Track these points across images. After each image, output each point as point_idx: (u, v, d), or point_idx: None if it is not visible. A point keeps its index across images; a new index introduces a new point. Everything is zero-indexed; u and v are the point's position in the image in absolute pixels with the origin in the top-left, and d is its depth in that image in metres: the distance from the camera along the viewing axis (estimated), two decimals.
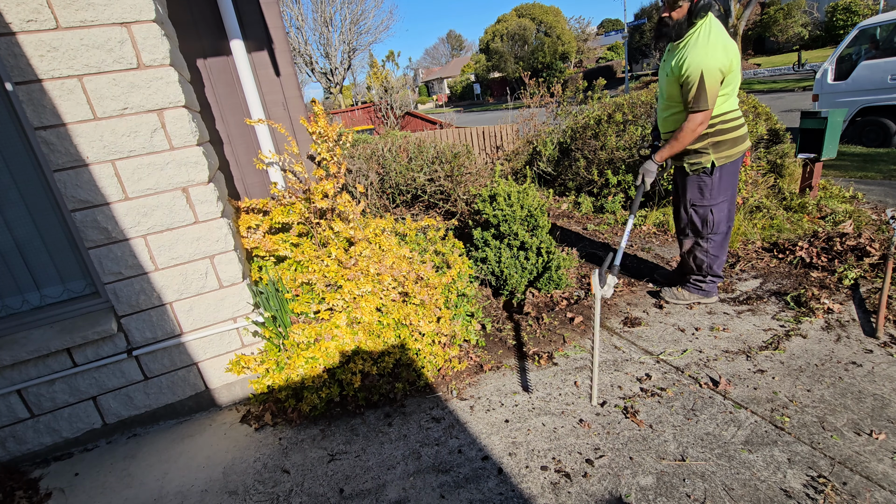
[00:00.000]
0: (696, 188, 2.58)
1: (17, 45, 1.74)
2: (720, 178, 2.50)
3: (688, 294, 2.88)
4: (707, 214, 2.61)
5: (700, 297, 2.87)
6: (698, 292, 2.86)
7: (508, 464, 1.84)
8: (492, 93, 43.07)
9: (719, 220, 2.61)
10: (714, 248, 2.69)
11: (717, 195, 2.54)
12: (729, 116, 2.40)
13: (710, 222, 2.62)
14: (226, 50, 2.59)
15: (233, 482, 1.92)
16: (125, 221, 2.04)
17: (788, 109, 10.77)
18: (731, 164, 2.49)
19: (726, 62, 2.23)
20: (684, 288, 2.90)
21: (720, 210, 2.59)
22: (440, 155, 4.65)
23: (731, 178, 2.53)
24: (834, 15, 24.11)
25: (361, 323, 2.32)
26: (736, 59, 2.27)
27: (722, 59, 2.22)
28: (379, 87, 14.29)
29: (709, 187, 2.54)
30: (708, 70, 2.21)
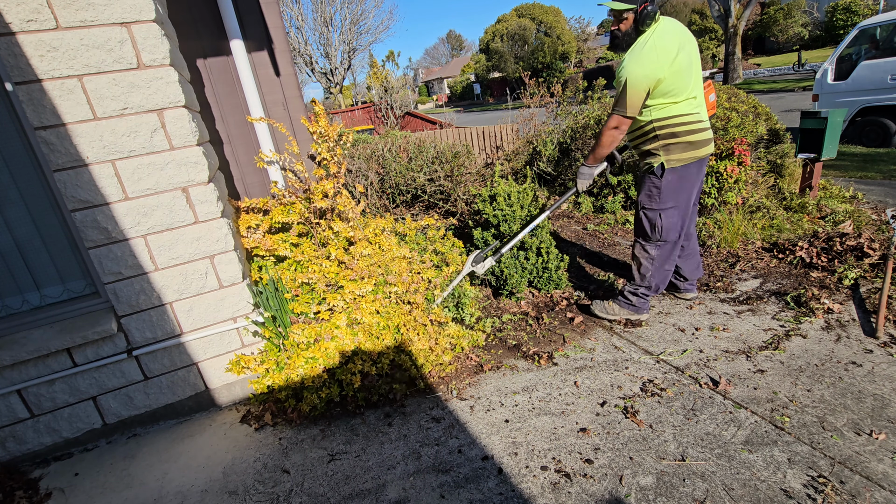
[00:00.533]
0: (647, 189, 2.53)
1: (17, 45, 1.74)
2: (670, 182, 2.43)
3: (617, 309, 2.79)
4: (656, 219, 2.53)
5: (629, 312, 2.76)
6: (628, 307, 2.76)
7: (508, 464, 1.84)
8: (492, 93, 43.07)
9: (668, 226, 2.52)
10: (661, 255, 2.59)
11: (665, 199, 2.46)
12: (681, 120, 2.35)
13: (658, 227, 2.53)
14: (226, 50, 2.59)
15: (233, 482, 1.92)
16: (125, 221, 2.04)
17: (788, 109, 10.78)
18: (682, 168, 2.41)
19: (656, 71, 2.21)
20: (615, 301, 2.81)
21: (669, 216, 2.50)
22: (440, 155, 4.65)
23: (682, 183, 2.44)
24: (834, 15, 24.12)
25: (362, 324, 2.32)
26: (677, 65, 2.23)
27: (650, 67, 2.21)
28: (379, 87, 14.30)
29: (658, 190, 2.47)
30: (632, 77, 2.24)
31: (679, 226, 2.54)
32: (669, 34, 2.27)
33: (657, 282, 2.67)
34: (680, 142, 2.37)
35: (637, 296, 2.72)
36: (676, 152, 2.39)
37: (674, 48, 2.23)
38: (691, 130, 2.37)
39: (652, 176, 2.48)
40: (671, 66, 2.22)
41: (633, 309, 2.75)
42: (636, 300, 2.73)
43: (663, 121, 2.37)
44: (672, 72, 2.23)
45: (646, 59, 2.22)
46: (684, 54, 2.27)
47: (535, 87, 6.60)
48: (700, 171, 2.49)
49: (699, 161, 2.44)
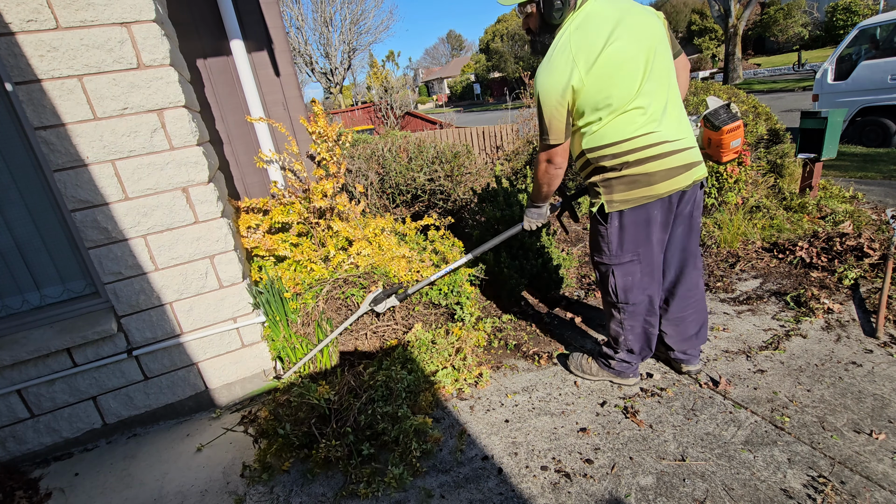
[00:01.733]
0: (593, 238, 1.97)
1: (17, 45, 1.74)
2: (618, 230, 1.82)
3: (596, 369, 2.22)
4: (608, 276, 1.95)
5: (610, 374, 2.19)
6: (606, 369, 2.18)
7: (508, 464, 1.84)
8: (492, 93, 43.07)
9: (625, 286, 1.92)
10: (629, 319, 2.00)
11: (617, 251, 1.86)
12: (625, 147, 1.68)
13: (611, 287, 1.96)
14: (226, 50, 2.60)
15: (233, 482, 1.92)
16: (125, 221, 2.04)
17: (788, 109, 10.78)
18: (633, 211, 1.77)
19: (567, 77, 1.60)
20: (595, 360, 2.24)
21: (626, 273, 1.90)
22: (440, 155, 4.65)
23: (639, 230, 1.80)
24: (834, 15, 24.12)
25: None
26: (606, 63, 1.59)
27: (559, 74, 1.60)
28: (379, 87, 14.31)
29: (605, 239, 1.87)
30: (543, 92, 1.65)
31: (646, 284, 1.93)
32: (596, 20, 1.61)
33: (637, 346, 2.08)
34: (625, 175, 1.72)
35: (615, 359, 2.15)
36: (620, 191, 1.75)
37: (600, 38, 1.58)
38: (644, 158, 1.68)
39: (596, 222, 1.89)
40: (594, 66, 1.58)
41: (613, 373, 2.18)
42: (616, 364, 2.15)
43: (596, 151, 1.74)
44: (597, 75, 1.59)
45: (556, 64, 1.62)
46: (623, 44, 1.59)
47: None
48: (670, 211, 1.81)
49: (664, 199, 1.76)
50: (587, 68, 1.58)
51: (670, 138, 1.69)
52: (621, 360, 2.14)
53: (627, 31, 1.60)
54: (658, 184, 1.71)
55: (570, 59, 1.59)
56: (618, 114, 1.66)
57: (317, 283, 2.45)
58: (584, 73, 1.59)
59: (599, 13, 1.62)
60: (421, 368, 2.30)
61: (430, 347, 2.41)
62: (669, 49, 1.74)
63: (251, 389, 2.50)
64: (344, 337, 2.58)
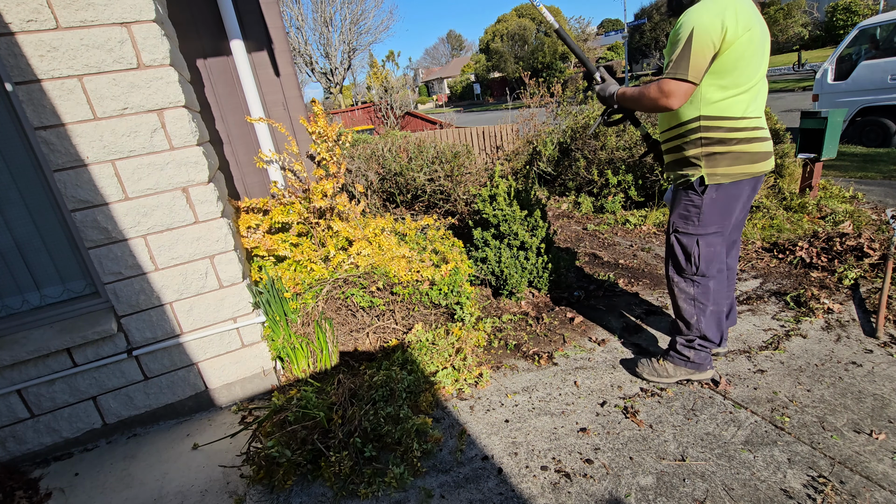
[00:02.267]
0: (682, 208, 1.99)
1: (17, 45, 1.74)
2: (713, 201, 1.90)
3: (672, 369, 2.18)
4: (692, 246, 1.99)
5: (689, 371, 2.16)
6: (685, 364, 2.15)
7: (508, 464, 1.84)
8: (492, 93, 43.07)
9: (708, 256, 1.98)
10: (703, 294, 2.03)
11: (707, 223, 1.94)
12: (738, 125, 1.80)
13: (694, 258, 2.00)
14: (226, 50, 2.60)
15: (233, 482, 1.92)
16: (125, 221, 2.04)
17: (788, 109, 10.78)
18: (731, 185, 1.87)
19: (729, 24, 1.65)
20: (667, 359, 2.21)
21: (710, 244, 1.97)
22: (440, 155, 4.65)
23: (729, 203, 1.92)
24: (834, 15, 24.13)
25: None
26: (752, 38, 1.69)
27: (723, 17, 1.64)
28: (379, 87, 14.31)
29: (698, 210, 1.93)
30: (700, 26, 1.65)
31: (722, 257, 2.02)
32: (745, 1, 1.73)
33: (713, 331, 2.07)
34: (730, 151, 1.83)
35: (694, 349, 2.12)
36: (724, 164, 1.84)
37: (753, 15, 1.71)
38: (748, 139, 1.82)
39: (690, 191, 1.94)
40: (743, 37, 1.67)
41: (692, 367, 2.15)
42: (694, 355, 2.12)
43: (714, 120, 1.81)
44: (743, 44, 1.68)
45: (721, 8, 1.65)
46: (760, 32, 1.73)
47: (535, 87, 6.60)
48: (755, 190, 1.96)
49: (755, 178, 1.91)
50: (742, 31, 1.67)
51: (764, 126, 1.88)
52: (700, 347, 2.11)
53: (760, 24, 1.75)
54: (757, 164, 1.87)
55: (734, 13, 1.66)
56: (740, 91, 1.77)
57: (317, 283, 2.45)
58: (739, 33, 1.66)
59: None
60: (421, 369, 2.30)
61: (430, 348, 2.41)
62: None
63: (251, 390, 2.50)
64: (344, 337, 2.58)
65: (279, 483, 1.81)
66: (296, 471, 1.86)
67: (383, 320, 2.59)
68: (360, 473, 1.81)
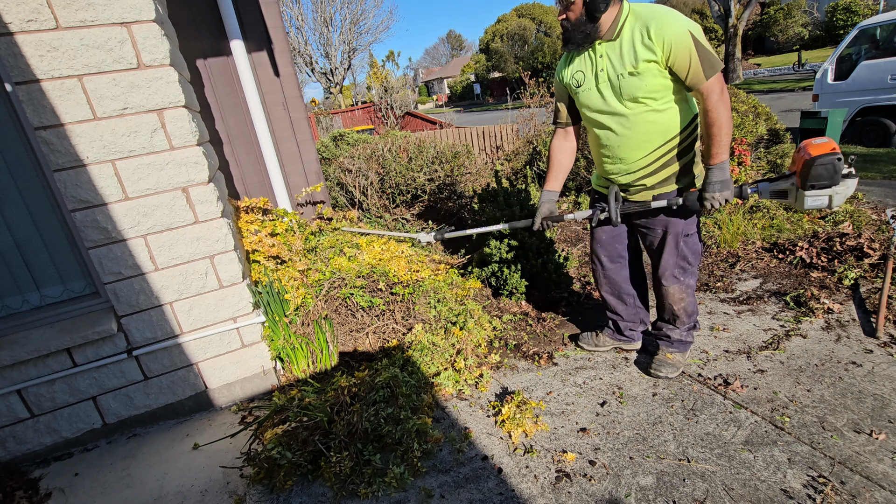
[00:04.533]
0: (688, 212, 2.01)
1: (17, 45, 1.74)
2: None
3: (681, 357, 2.29)
4: (696, 240, 2.09)
5: (686, 355, 2.32)
6: (685, 351, 2.30)
7: (508, 464, 1.84)
8: (492, 93, 43.06)
9: (699, 250, 2.15)
10: (694, 279, 2.19)
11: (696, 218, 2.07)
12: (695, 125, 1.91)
13: (698, 251, 2.12)
14: (226, 50, 2.60)
15: (233, 482, 1.92)
16: (125, 221, 2.04)
17: (788, 109, 10.78)
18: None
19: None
20: (673, 350, 2.29)
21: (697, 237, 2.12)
22: (440, 155, 4.65)
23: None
24: (834, 15, 24.12)
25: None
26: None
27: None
28: (379, 87, 14.31)
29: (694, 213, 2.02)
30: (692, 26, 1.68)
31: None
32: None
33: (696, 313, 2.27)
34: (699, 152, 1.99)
35: (694, 327, 2.29)
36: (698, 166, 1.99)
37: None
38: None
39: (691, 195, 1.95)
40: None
41: (687, 350, 2.32)
42: (692, 333, 2.30)
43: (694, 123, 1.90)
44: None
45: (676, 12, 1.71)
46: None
47: (535, 87, 6.60)
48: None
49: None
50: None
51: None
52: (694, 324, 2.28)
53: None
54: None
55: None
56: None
57: (316, 283, 2.45)
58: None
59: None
60: (422, 371, 2.30)
61: (430, 349, 2.41)
62: None
63: (251, 390, 2.50)
64: (344, 337, 2.58)
65: (279, 483, 1.81)
66: (296, 471, 1.86)
67: (383, 320, 2.59)
68: (360, 473, 1.81)
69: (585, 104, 1.94)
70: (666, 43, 1.67)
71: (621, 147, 1.92)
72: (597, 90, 1.87)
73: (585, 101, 1.93)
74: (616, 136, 1.91)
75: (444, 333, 2.52)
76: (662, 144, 1.89)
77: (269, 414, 2.05)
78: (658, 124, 1.84)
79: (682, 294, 2.16)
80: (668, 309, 2.23)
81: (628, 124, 1.86)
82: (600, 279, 2.36)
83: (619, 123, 1.88)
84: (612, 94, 1.84)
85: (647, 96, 1.78)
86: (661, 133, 1.86)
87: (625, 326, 2.41)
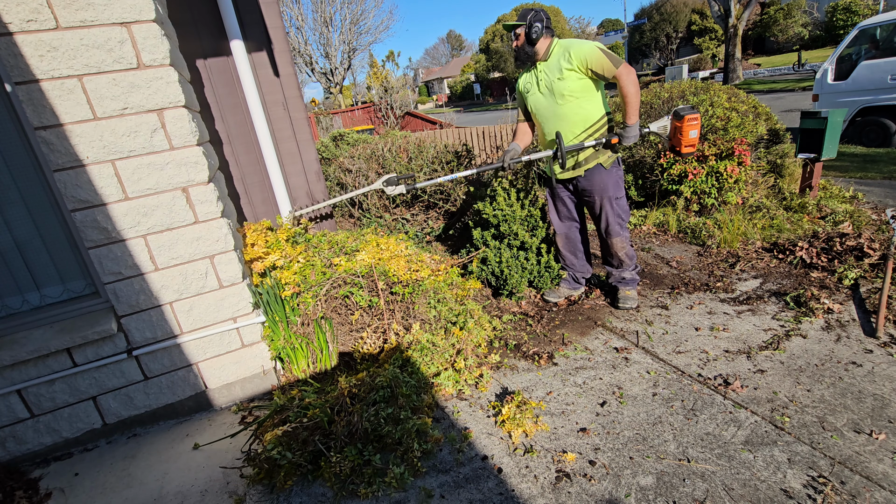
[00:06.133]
0: (615, 180, 2.72)
1: (17, 45, 1.74)
2: (621, 171, 2.78)
3: (634, 292, 2.98)
4: (625, 203, 2.80)
5: (637, 287, 3.06)
6: (636, 283, 3.02)
7: (508, 464, 1.84)
8: (492, 93, 43.05)
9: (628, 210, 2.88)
10: (628, 233, 2.90)
11: (622, 182, 2.79)
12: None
13: (627, 209, 2.83)
14: (226, 50, 2.60)
15: (233, 482, 1.92)
16: (125, 221, 2.04)
17: (788, 109, 10.78)
18: (618, 158, 2.77)
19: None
20: (629, 287, 2.98)
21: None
22: (440, 155, 4.65)
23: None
24: (834, 15, 24.11)
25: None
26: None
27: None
28: (379, 87, 14.32)
29: (621, 179, 2.77)
30: (597, 45, 2.53)
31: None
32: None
33: (636, 257, 3.04)
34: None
35: (637, 268, 2.98)
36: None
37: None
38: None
39: (616, 167, 2.74)
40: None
41: (637, 282, 3.02)
42: (637, 276, 2.99)
43: (607, 115, 2.70)
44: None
45: (583, 41, 2.54)
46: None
47: None
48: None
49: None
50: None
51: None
52: (636, 272, 2.98)
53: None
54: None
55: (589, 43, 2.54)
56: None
57: (316, 283, 2.44)
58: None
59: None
60: (422, 371, 2.30)
61: (430, 349, 2.41)
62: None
63: (251, 390, 2.50)
64: (344, 337, 2.58)
65: (279, 483, 1.81)
66: (296, 471, 1.86)
67: (383, 320, 2.59)
68: (360, 473, 1.81)
69: (533, 103, 2.78)
70: (583, 57, 2.49)
71: (559, 128, 2.70)
72: (539, 93, 2.71)
73: (533, 101, 2.77)
74: (555, 120, 2.71)
75: (444, 333, 2.52)
76: (587, 128, 2.68)
77: (269, 414, 2.05)
78: (580, 113, 2.64)
79: (623, 243, 2.85)
80: (616, 256, 2.91)
81: (560, 112, 2.66)
82: (561, 239, 3.08)
83: (554, 113, 2.69)
84: (548, 94, 2.66)
85: (570, 94, 2.58)
86: (584, 119, 2.66)
87: (579, 276, 3.14)
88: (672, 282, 3.24)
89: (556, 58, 2.59)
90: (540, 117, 2.78)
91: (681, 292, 3.08)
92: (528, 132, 2.99)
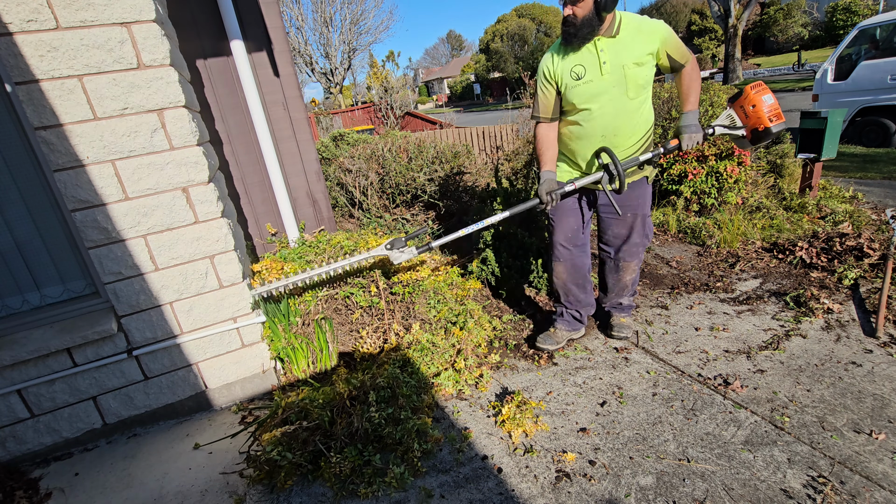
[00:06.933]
0: (650, 195, 2.35)
1: (17, 45, 1.74)
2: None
3: (630, 320, 2.66)
4: (650, 221, 2.44)
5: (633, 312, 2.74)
6: (633, 310, 2.70)
7: (508, 464, 1.84)
8: (492, 93, 43.06)
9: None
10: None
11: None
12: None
13: (652, 229, 2.47)
14: (226, 50, 2.60)
15: (233, 482, 1.92)
16: (125, 221, 2.04)
17: (788, 109, 10.77)
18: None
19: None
20: (625, 315, 2.65)
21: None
22: (440, 155, 4.65)
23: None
24: (834, 15, 24.12)
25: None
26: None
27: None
28: (379, 87, 14.32)
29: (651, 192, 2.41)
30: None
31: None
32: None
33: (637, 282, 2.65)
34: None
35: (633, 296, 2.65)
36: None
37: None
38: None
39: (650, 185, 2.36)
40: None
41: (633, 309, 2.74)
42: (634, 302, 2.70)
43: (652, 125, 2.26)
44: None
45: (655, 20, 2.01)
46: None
47: (535, 87, 6.58)
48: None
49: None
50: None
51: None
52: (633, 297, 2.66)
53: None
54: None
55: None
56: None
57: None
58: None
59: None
60: (422, 371, 2.30)
61: (430, 349, 2.41)
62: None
63: (251, 390, 2.50)
64: (344, 337, 2.58)
65: (280, 483, 1.81)
66: (296, 471, 1.86)
67: (384, 320, 2.59)
68: (360, 473, 1.81)
69: (588, 95, 2.05)
70: (662, 38, 1.99)
71: (617, 135, 2.13)
72: (602, 80, 2.01)
73: (589, 92, 2.04)
74: (618, 120, 2.09)
75: (444, 333, 2.52)
76: (644, 134, 2.19)
77: (270, 414, 2.05)
78: (644, 114, 2.13)
79: (636, 267, 2.47)
80: (622, 281, 2.51)
81: (629, 109, 2.07)
82: (565, 268, 2.44)
83: (621, 110, 2.07)
84: (618, 84, 2.01)
85: (647, 86, 2.05)
86: (645, 122, 2.17)
87: (583, 313, 2.57)
88: (672, 282, 3.24)
89: (630, 36, 1.96)
90: (595, 115, 2.07)
91: (681, 292, 3.08)
92: (555, 142, 2.27)
